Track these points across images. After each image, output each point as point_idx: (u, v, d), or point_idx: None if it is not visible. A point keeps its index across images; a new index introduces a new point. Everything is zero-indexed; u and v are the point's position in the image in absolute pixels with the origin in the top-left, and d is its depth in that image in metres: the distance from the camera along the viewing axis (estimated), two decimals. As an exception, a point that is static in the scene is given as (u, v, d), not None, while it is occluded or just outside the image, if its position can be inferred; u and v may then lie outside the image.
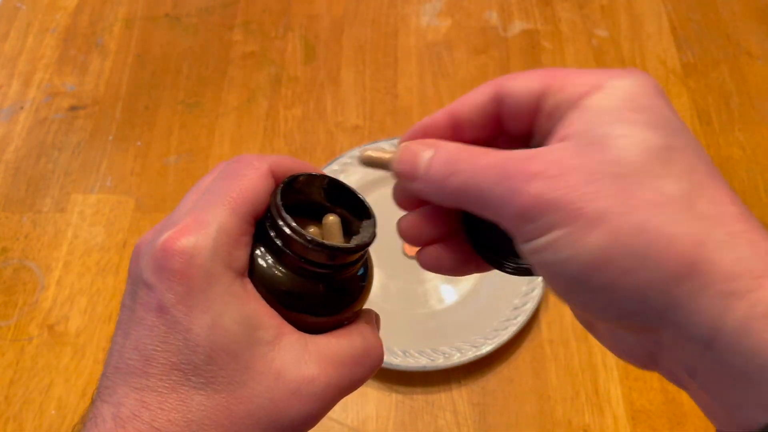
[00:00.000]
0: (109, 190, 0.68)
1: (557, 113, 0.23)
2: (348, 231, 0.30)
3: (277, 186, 0.28)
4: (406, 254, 0.62)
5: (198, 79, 0.76)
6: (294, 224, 0.27)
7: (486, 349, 0.55)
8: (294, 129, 0.72)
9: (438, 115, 0.26)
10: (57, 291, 0.61)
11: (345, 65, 0.77)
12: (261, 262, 0.27)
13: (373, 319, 0.31)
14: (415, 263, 0.66)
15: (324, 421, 0.54)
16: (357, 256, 0.29)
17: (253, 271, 0.27)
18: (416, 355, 0.55)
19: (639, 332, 0.22)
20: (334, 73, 0.77)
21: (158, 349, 0.24)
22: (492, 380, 0.56)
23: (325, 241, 0.27)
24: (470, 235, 0.28)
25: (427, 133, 0.26)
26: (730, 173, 0.68)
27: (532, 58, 0.78)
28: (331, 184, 0.31)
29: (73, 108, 0.74)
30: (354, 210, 0.31)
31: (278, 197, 0.27)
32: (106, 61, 0.77)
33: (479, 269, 0.29)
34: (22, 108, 0.74)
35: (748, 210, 0.21)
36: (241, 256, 0.26)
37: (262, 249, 0.27)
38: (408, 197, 0.28)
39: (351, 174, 0.66)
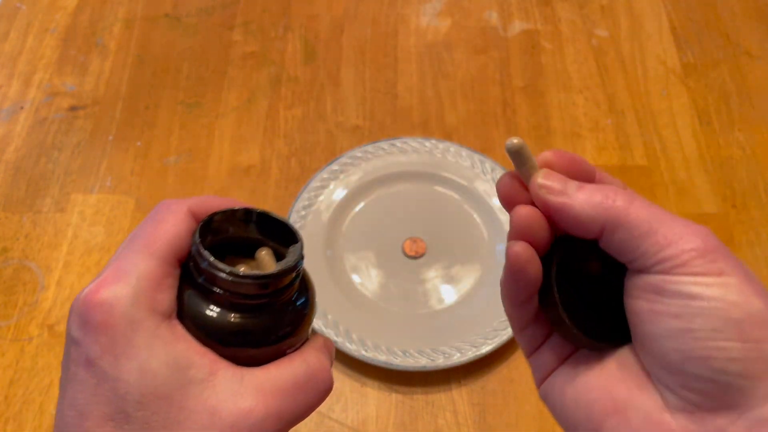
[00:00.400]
0: (109, 190, 0.68)
1: None
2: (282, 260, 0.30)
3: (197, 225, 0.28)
4: (406, 254, 0.62)
5: (198, 79, 0.76)
6: (212, 259, 0.27)
7: (486, 348, 0.55)
8: (294, 129, 0.72)
9: (588, 162, 0.28)
10: (57, 291, 0.61)
11: (345, 65, 0.77)
12: (188, 301, 0.27)
13: (321, 344, 0.31)
14: (415, 263, 0.66)
15: (324, 421, 0.54)
16: (286, 281, 0.28)
17: (182, 312, 0.27)
18: (416, 355, 0.55)
19: (719, 409, 0.23)
20: (334, 73, 0.77)
21: (91, 402, 0.25)
22: (492, 380, 0.56)
23: (244, 272, 0.27)
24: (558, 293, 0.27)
25: (572, 161, 0.27)
26: (729, 173, 0.69)
27: (532, 59, 0.78)
28: (254, 216, 0.30)
29: (73, 108, 0.74)
30: (284, 237, 0.30)
31: (197, 235, 0.28)
32: (106, 62, 0.77)
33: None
34: (22, 108, 0.74)
35: None
36: (166, 299, 0.27)
37: (189, 289, 0.28)
38: (517, 194, 0.27)
39: (351, 174, 0.66)
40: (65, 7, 0.83)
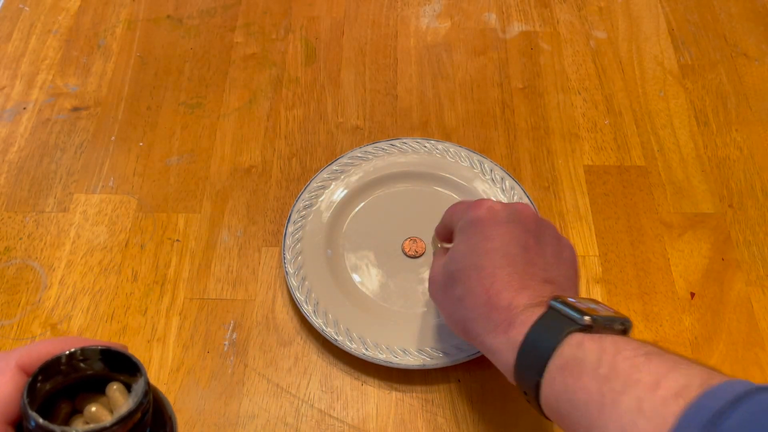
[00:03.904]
0: (112, 190, 0.68)
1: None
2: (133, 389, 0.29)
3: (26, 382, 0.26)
4: (405, 254, 0.63)
5: (199, 80, 0.77)
6: (41, 421, 0.25)
7: (485, 347, 0.56)
8: (295, 130, 0.72)
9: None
10: (59, 290, 0.62)
11: (345, 66, 0.78)
12: None
13: None
14: (415, 263, 0.66)
15: (324, 419, 0.55)
16: (130, 425, 0.27)
17: None
18: (416, 353, 0.56)
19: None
20: (334, 74, 0.77)
21: None
22: (491, 379, 0.57)
23: (77, 429, 0.25)
24: None
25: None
26: (727, 174, 0.69)
27: (531, 60, 0.78)
28: (91, 355, 0.28)
29: (75, 109, 0.74)
30: (131, 368, 0.29)
31: (24, 394, 0.26)
32: (109, 63, 0.78)
33: None
34: (25, 109, 0.74)
35: (499, 296, 0.42)
36: None
37: None
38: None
39: (351, 174, 0.66)
40: (68, 8, 0.83)
